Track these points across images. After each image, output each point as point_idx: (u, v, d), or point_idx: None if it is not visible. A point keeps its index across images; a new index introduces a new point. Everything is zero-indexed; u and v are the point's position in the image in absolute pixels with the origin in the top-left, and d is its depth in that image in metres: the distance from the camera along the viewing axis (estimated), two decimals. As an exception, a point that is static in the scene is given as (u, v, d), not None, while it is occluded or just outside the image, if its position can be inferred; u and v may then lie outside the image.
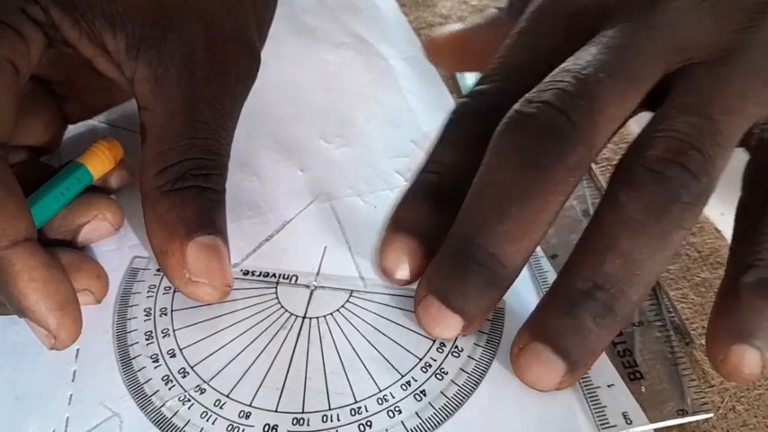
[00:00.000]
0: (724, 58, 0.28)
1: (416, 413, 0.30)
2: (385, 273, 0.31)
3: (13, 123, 0.30)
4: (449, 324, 0.29)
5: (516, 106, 0.28)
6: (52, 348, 0.29)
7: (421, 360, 0.31)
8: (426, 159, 0.31)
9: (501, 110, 0.29)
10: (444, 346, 0.32)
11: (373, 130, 0.41)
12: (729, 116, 0.27)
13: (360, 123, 0.41)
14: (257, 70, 0.35)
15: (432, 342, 0.32)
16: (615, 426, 0.29)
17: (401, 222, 0.31)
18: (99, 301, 0.33)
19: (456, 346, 0.32)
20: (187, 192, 0.31)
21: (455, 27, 0.39)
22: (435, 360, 0.31)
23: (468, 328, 0.29)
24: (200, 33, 0.32)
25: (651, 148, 0.27)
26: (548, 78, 0.29)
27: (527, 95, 0.28)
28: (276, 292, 0.34)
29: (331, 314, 0.33)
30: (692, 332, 0.32)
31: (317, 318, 0.33)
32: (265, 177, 0.39)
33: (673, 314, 0.33)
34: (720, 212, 0.35)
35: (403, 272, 0.31)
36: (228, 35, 0.33)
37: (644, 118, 0.29)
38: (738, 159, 0.29)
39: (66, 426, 0.30)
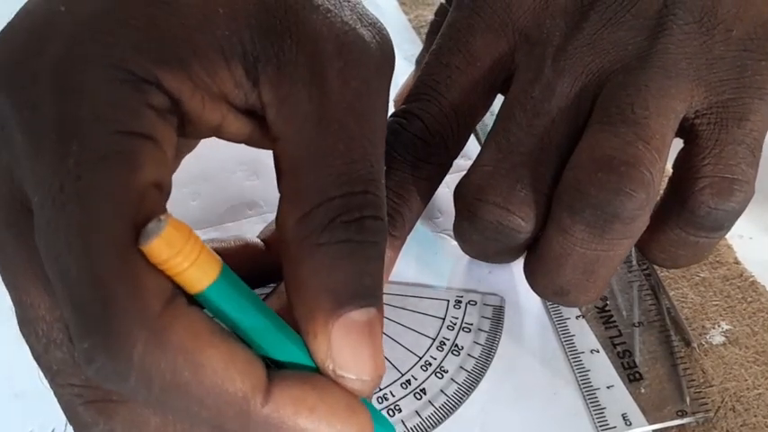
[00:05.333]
0: (640, 64, 0.29)
1: (416, 411, 0.30)
2: None
3: None
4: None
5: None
6: None
7: (420, 359, 0.31)
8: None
9: (430, 132, 0.30)
10: (444, 344, 0.32)
11: (373, 128, 0.41)
12: (657, 117, 0.28)
13: (360, 122, 0.41)
14: (393, 53, 0.26)
15: (431, 341, 0.32)
16: (615, 427, 0.29)
17: None
18: None
19: (456, 345, 0.32)
20: (337, 248, 0.23)
21: (408, 76, 0.39)
22: (435, 359, 0.31)
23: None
24: (321, 25, 0.24)
25: (580, 169, 0.27)
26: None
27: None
28: (276, 291, 0.34)
29: (331, 313, 0.33)
30: (692, 332, 0.32)
31: (317, 316, 0.33)
32: (265, 176, 0.39)
33: (673, 314, 0.33)
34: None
35: None
36: (350, 17, 0.25)
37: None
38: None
39: (67, 424, 0.30)
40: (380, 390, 0.30)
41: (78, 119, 0.20)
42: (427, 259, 0.35)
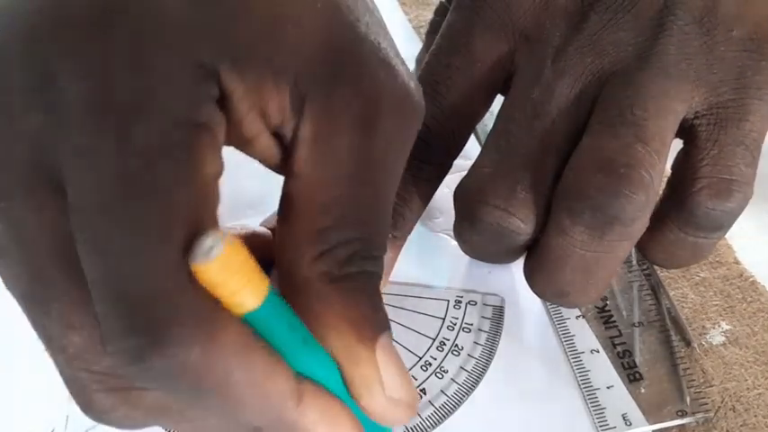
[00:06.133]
0: (640, 65, 0.29)
1: (416, 412, 0.30)
2: None
3: None
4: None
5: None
6: None
7: (420, 359, 0.31)
8: None
9: (431, 132, 0.30)
10: (444, 345, 0.32)
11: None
12: (656, 118, 0.28)
13: (360, 122, 0.41)
14: (423, 104, 0.25)
15: (431, 341, 0.32)
16: (615, 427, 0.29)
17: None
18: None
19: (456, 345, 0.32)
20: (359, 280, 0.22)
21: None
22: (435, 359, 0.31)
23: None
24: (385, 76, 0.23)
25: (580, 170, 0.27)
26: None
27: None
28: (276, 291, 0.34)
29: (331, 313, 0.33)
30: (692, 332, 0.32)
31: (317, 316, 0.33)
32: (265, 176, 0.39)
33: (673, 314, 0.33)
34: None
35: None
36: (406, 74, 0.24)
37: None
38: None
39: (66, 423, 0.30)
40: (380, 390, 0.30)
41: (152, 100, 0.19)
42: (427, 259, 0.35)
